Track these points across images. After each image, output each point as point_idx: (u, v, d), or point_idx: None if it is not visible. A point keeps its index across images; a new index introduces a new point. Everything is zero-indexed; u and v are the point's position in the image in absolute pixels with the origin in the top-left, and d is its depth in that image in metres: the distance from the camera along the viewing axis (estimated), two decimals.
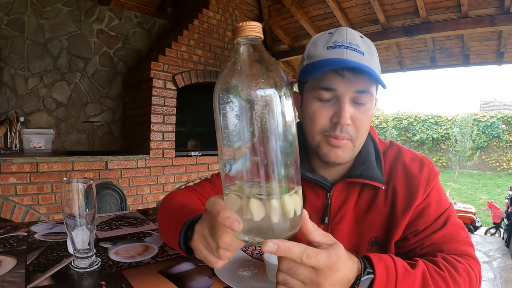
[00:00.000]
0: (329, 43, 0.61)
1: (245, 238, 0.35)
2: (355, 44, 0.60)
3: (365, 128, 0.62)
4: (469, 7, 3.04)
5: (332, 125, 0.61)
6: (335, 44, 0.60)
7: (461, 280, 0.52)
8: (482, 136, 10.54)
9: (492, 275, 2.82)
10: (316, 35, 0.67)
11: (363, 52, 0.60)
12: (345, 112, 0.59)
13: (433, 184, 0.64)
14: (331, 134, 0.61)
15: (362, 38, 0.63)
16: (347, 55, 0.59)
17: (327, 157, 0.62)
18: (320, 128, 0.62)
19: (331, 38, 0.62)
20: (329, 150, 0.62)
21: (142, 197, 2.84)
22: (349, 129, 0.60)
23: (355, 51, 0.59)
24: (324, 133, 0.62)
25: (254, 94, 0.32)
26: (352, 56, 0.59)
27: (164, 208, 0.66)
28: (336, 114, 0.60)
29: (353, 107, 0.60)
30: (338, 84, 0.59)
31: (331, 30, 0.65)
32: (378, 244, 0.66)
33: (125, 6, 3.32)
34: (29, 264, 0.62)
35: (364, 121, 0.61)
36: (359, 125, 0.61)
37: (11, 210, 2.19)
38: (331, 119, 0.61)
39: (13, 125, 2.56)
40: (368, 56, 0.60)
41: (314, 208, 0.69)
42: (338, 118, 0.59)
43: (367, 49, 0.61)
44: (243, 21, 0.34)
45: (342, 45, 0.60)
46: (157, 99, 2.83)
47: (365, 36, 0.64)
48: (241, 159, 0.34)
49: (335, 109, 0.60)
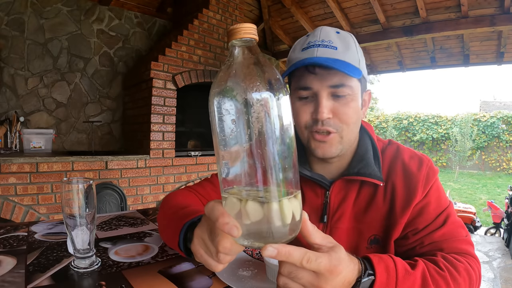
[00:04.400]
0: (304, 45, 0.65)
1: (245, 242, 0.35)
2: (327, 41, 0.62)
3: (350, 119, 0.63)
4: (469, 7, 3.05)
5: (313, 121, 0.63)
6: (309, 44, 0.63)
7: (461, 279, 0.52)
8: (482, 136, 10.54)
9: (492, 275, 2.81)
10: (297, 40, 0.69)
11: (336, 47, 0.62)
12: (321, 108, 0.61)
13: (432, 182, 0.64)
14: (313, 129, 0.63)
15: (338, 33, 0.64)
16: (317, 53, 0.61)
17: (316, 153, 0.65)
18: (304, 124, 0.64)
19: (306, 40, 0.65)
20: (316, 146, 0.64)
21: (142, 197, 2.84)
22: (330, 122, 0.62)
23: (326, 47, 0.61)
24: (309, 129, 0.64)
25: (250, 97, 0.32)
26: (323, 53, 0.61)
27: (164, 209, 0.66)
28: (315, 110, 0.62)
29: (332, 100, 0.62)
30: (312, 82, 0.62)
31: (309, 32, 0.67)
32: (377, 242, 0.66)
33: (125, 6, 3.32)
34: (29, 264, 0.62)
35: (347, 112, 0.62)
36: (342, 117, 0.62)
37: (11, 210, 2.18)
38: (311, 115, 0.63)
39: (13, 125, 2.56)
40: (343, 50, 0.62)
41: (313, 206, 0.69)
42: (316, 114, 0.62)
43: (342, 43, 0.63)
44: (240, 23, 0.34)
45: (314, 45, 0.62)
46: (157, 99, 2.83)
47: (343, 31, 0.66)
48: (239, 163, 0.33)
49: (314, 105, 0.63)
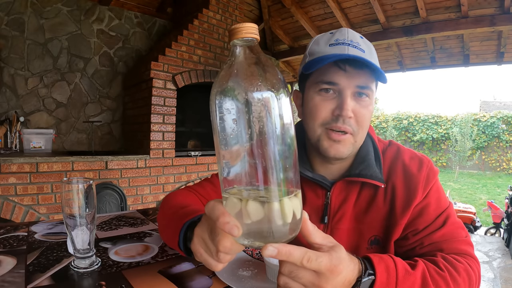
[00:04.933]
0: (331, 41, 0.64)
1: (245, 242, 0.35)
2: (356, 42, 0.62)
3: (366, 123, 0.63)
4: (469, 7, 3.05)
5: (334, 118, 0.61)
6: (337, 41, 0.62)
7: (461, 280, 0.52)
8: (482, 136, 10.54)
9: (492, 275, 2.81)
10: (318, 36, 0.68)
11: (364, 50, 0.62)
12: (347, 105, 0.60)
13: (432, 183, 0.64)
14: (332, 126, 0.61)
15: (362, 38, 0.65)
16: (349, 51, 0.61)
17: (328, 152, 0.63)
18: (322, 120, 0.62)
19: (332, 37, 0.64)
20: (329, 145, 0.62)
21: (142, 197, 2.84)
22: (351, 122, 0.61)
23: (356, 48, 0.61)
24: (325, 126, 0.62)
25: (251, 97, 0.32)
26: (354, 52, 0.61)
27: (164, 208, 0.66)
28: (338, 107, 0.61)
29: (354, 101, 0.61)
30: (340, 78, 0.60)
31: (332, 31, 0.67)
32: (378, 243, 0.66)
33: (125, 6, 3.32)
34: (29, 264, 0.62)
35: (365, 116, 0.62)
36: (360, 120, 0.62)
37: (11, 210, 2.18)
38: (333, 112, 0.61)
39: (13, 125, 2.56)
40: (369, 54, 0.62)
41: (313, 207, 0.69)
42: (340, 111, 0.60)
43: (367, 48, 0.63)
44: (241, 22, 0.34)
45: (344, 43, 0.62)
46: (157, 99, 2.83)
47: (364, 37, 0.66)
48: (239, 163, 0.33)
49: (337, 102, 0.61)
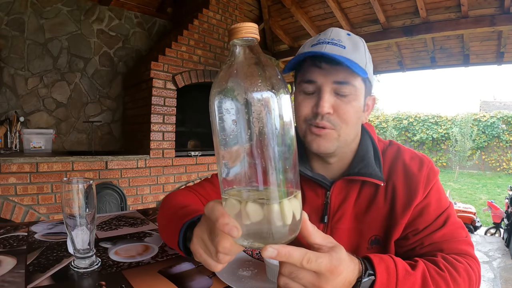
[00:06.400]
0: (314, 41, 0.66)
1: (245, 243, 0.35)
2: (337, 40, 0.63)
3: (350, 118, 0.63)
4: (469, 7, 3.05)
5: (313, 115, 0.63)
6: (319, 41, 0.64)
7: (461, 280, 0.52)
8: (482, 136, 10.54)
9: (492, 275, 2.81)
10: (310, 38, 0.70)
11: (345, 46, 0.62)
12: (323, 102, 0.61)
13: (432, 183, 0.64)
14: (312, 122, 0.63)
15: (349, 35, 0.65)
16: (325, 49, 0.62)
17: (311, 146, 0.65)
18: (304, 117, 0.65)
19: (317, 37, 0.66)
20: (312, 139, 0.64)
21: (142, 197, 2.84)
22: (330, 118, 0.62)
23: (335, 45, 0.62)
24: (308, 122, 0.65)
25: (251, 97, 0.32)
26: (331, 49, 0.61)
27: (164, 208, 0.66)
28: (316, 104, 0.63)
29: (335, 97, 0.62)
30: (317, 76, 0.62)
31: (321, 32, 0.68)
32: (378, 243, 0.66)
33: (125, 6, 3.32)
34: (29, 264, 0.62)
35: (347, 111, 0.62)
36: (342, 115, 0.62)
37: (11, 210, 2.18)
38: (312, 109, 0.64)
39: (13, 125, 2.56)
40: (351, 50, 0.62)
41: (313, 207, 0.69)
42: (317, 108, 0.62)
43: (352, 44, 0.63)
44: (240, 22, 0.33)
45: (324, 42, 0.63)
46: (157, 99, 2.83)
47: (355, 35, 0.67)
48: (239, 163, 0.33)
49: (316, 99, 0.63)
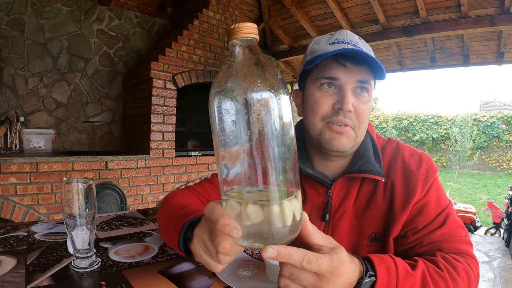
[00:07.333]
0: (331, 40, 0.65)
1: (245, 243, 0.35)
2: (354, 42, 0.64)
3: (365, 118, 0.64)
4: (469, 7, 3.05)
5: (334, 111, 0.62)
6: (337, 40, 0.64)
7: (460, 279, 0.53)
8: (482, 136, 10.54)
9: (492, 275, 2.81)
10: (318, 37, 0.70)
11: (362, 49, 0.63)
12: (348, 99, 0.61)
13: (431, 181, 0.64)
14: (333, 119, 0.62)
15: (360, 39, 0.67)
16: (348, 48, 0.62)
17: (330, 145, 0.63)
18: (323, 114, 0.63)
19: (332, 37, 0.66)
20: (332, 137, 0.63)
21: (142, 197, 2.84)
22: (351, 116, 0.62)
23: (355, 47, 0.63)
24: (326, 120, 0.63)
25: (250, 97, 0.31)
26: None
27: (164, 209, 0.66)
28: (339, 101, 0.62)
29: (354, 96, 0.63)
30: (340, 73, 0.62)
31: (331, 32, 0.69)
32: (378, 240, 0.66)
33: (125, 6, 3.32)
34: (29, 264, 0.62)
35: (364, 111, 0.63)
36: (360, 115, 0.63)
37: (11, 210, 2.18)
38: (333, 106, 0.63)
39: (13, 125, 2.56)
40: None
41: (314, 205, 0.69)
42: (341, 104, 0.61)
43: (365, 48, 0.65)
44: (240, 22, 0.33)
45: (343, 41, 0.64)
46: (157, 99, 2.83)
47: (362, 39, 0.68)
48: (239, 164, 0.33)
49: (337, 97, 0.62)
